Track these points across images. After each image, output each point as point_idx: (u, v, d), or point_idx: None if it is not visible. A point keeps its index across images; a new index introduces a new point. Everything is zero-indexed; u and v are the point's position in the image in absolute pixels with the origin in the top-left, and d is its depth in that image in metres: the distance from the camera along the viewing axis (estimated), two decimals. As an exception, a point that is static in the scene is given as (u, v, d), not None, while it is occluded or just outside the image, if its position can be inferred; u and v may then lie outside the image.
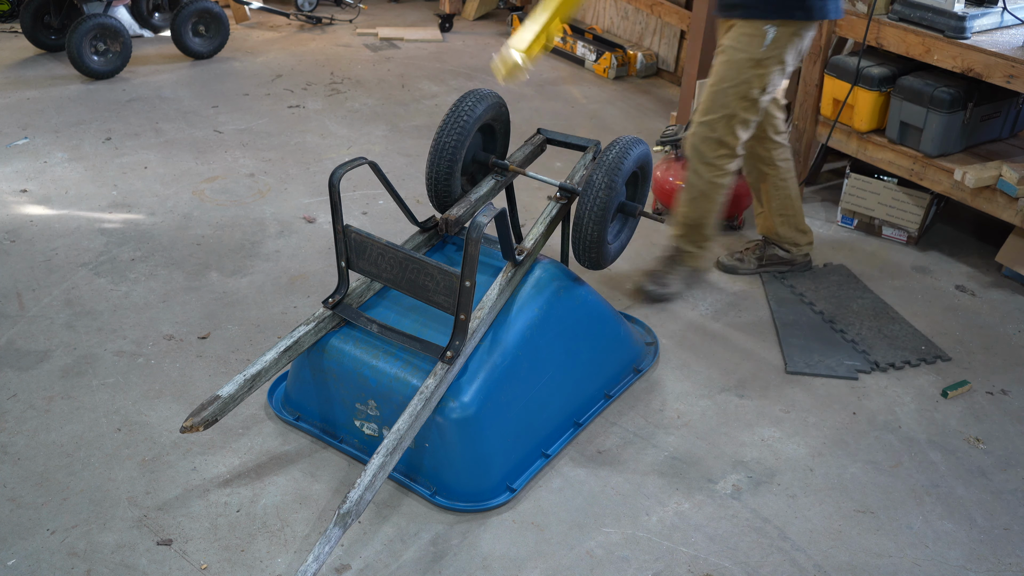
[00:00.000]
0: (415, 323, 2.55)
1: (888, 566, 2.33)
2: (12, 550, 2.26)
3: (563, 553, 2.32)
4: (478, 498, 2.43)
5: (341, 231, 2.53)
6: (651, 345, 3.11)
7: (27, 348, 2.98)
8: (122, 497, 2.43)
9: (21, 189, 3.97)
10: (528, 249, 2.63)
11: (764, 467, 2.63)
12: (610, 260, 2.73)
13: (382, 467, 2.19)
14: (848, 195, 3.91)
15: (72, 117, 4.69)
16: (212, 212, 3.87)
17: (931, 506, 2.53)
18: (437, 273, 2.39)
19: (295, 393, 2.70)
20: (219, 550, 2.29)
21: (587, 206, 2.55)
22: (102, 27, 5.01)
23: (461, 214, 2.63)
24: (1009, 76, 3.26)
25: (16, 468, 2.51)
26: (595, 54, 5.71)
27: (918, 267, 3.69)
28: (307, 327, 2.55)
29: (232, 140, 4.54)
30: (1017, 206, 3.35)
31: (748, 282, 3.53)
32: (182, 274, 3.42)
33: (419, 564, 2.27)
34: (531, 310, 2.56)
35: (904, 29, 3.55)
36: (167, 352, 2.99)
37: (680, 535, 2.39)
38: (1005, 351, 3.19)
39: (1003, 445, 2.76)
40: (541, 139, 2.98)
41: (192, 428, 2.33)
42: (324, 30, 6.31)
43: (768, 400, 2.91)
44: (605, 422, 2.77)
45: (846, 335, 3.20)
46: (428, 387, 2.31)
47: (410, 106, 5.09)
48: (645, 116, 5.10)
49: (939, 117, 3.52)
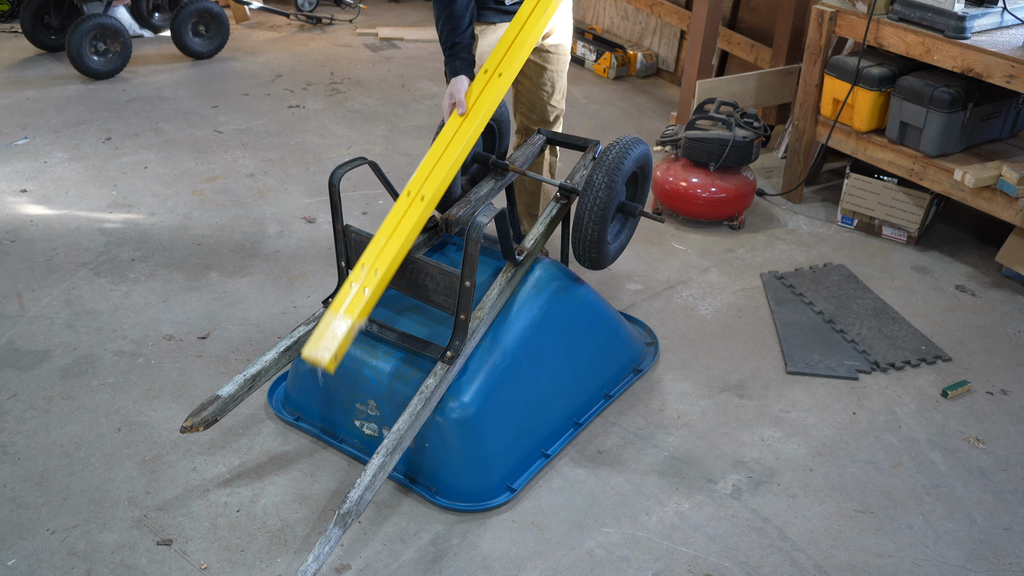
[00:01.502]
0: (415, 323, 2.55)
1: (888, 566, 2.33)
2: (12, 550, 2.26)
3: (563, 553, 2.32)
4: (478, 498, 2.43)
5: (341, 231, 2.54)
6: (651, 345, 3.10)
7: (27, 348, 2.98)
8: (122, 497, 2.43)
9: (21, 189, 3.97)
10: (528, 249, 2.63)
11: (764, 467, 2.63)
12: (610, 260, 2.73)
13: (382, 467, 2.19)
14: (848, 195, 3.91)
15: (72, 117, 4.68)
16: (212, 212, 3.87)
17: (931, 506, 2.53)
18: (437, 273, 2.39)
19: (295, 393, 2.70)
20: (219, 550, 2.28)
21: (587, 206, 2.55)
22: (102, 27, 5.01)
23: (461, 214, 2.63)
24: (1009, 76, 3.26)
25: (16, 468, 2.51)
26: (595, 54, 5.71)
27: (918, 267, 3.69)
28: (307, 327, 2.55)
29: (232, 140, 4.54)
30: (1017, 206, 3.35)
31: (748, 282, 3.53)
32: (182, 274, 3.42)
33: (419, 564, 2.27)
34: (531, 310, 2.56)
35: (904, 29, 3.55)
36: (167, 352, 2.99)
37: (680, 535, 2.39)
38: (1005, 351, 3.19)
39: (1003, 445, 2.76)
40: (541, 139, 2.98)
41: (192, 428, 2.33)
42: (324, 30, 6.31)
43: (768, 400, 2.91)
44: (605, 422, 2.77)
45: (846, 335, 3.20)
46: (428, 387, 2.31)
47: (410, 106, 5.09)
48: (645, 116, 5.10)
49: (939, 117, 3.52)
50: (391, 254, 2.32)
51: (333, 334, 2.18)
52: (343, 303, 2.25)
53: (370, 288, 2.24)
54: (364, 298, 2.23)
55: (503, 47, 2.69)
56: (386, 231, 2.38)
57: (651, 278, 3.53)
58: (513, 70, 2.65)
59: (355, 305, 2.23)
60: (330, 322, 2.21)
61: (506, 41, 2.69)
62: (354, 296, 2.24)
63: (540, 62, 3.12)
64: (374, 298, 2.27)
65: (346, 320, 2.19)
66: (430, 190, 2.44)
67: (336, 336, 2.17)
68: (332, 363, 2.17)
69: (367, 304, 2.23)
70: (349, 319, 2.20)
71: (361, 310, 2.22)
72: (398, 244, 2.33)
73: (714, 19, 4.49)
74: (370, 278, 2.25)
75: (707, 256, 3.71)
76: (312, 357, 2.18)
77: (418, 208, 2.40)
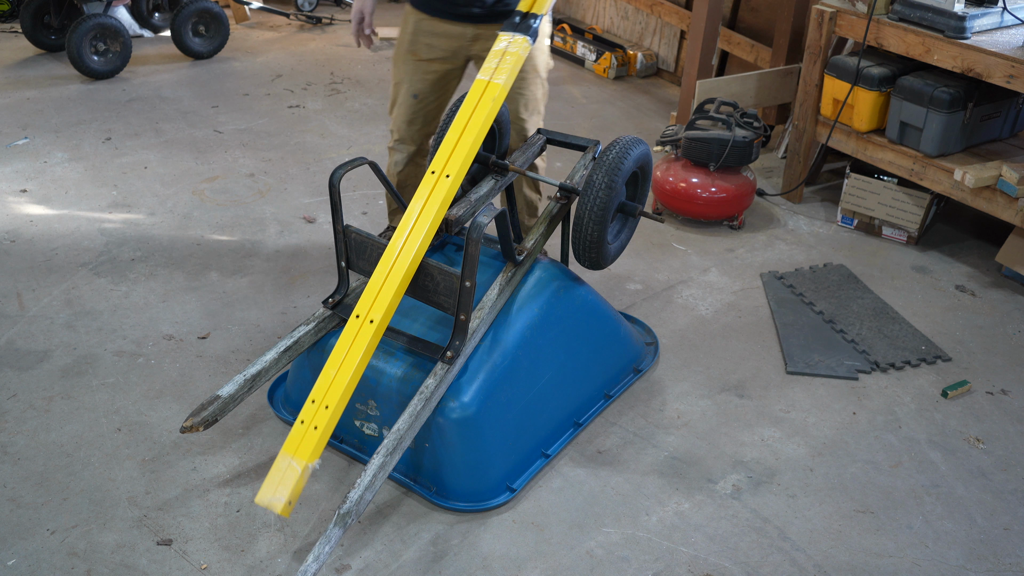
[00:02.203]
0: (415, 323, 2.55)
1: (888, 566, 2.33)
2: (12, 550, 2.26)
3: (563, 553, 2.32)
4: (478, 498, 2.43)
5: (341, 231, 2.54)
6: (651, 345, 3.10)
7: (27, 348, 2.98)
8: (122, 497, 2.43)
9: (21, 189, 3.97)
10: (528, 249, 2.63)
11: (764, 467, 2.63)
12: (610, 260, 2.73)
13: (382, 467, 2.19)
14: (848, 195, 3.91)
15: (72, 117, 4.69)
16: (212, 212, 3.87)
17: (931, 506, 2.53)
18: (437, 273, 2.39)
19: (295, 393, 2.70)
20: (219, 550, 2.28)
21: (587, 206, 2.55)
22: (102, 27, 5.01)
23: (461, 214, 2.63)
24: (1009, 76, 3.26)
25: (16, 468, 2.51)
26: (595, 54, 5.71)
27: (918, 267, 3.69)
28: (307, 327, 2.55)
29: (232, 140, 4.54)
30: (1017, 206, 3.35)
31: (748, 282, 3.53)
32: (182, 274, 3.42)
33: (419, 564, 2.27)
34: (531, 310, 2.56)
35: (904, 29, 3.55)
36: (167, 352, 2.99)
37: (680, 535, 2.39)
38: (1005, 351, 3.19)
39: (1003, 445, 2.76)
40: (541, 139, 2.98)
41: (192, 428, 2.33)
42: (324, 30, 6.31)
43: (768, 400, 2.91)
44: (605, 422, 2.77)
45: (846, 335, 3.20)
46: (428, 387, 2.31)
47: (410, 106, 5.09)
48: (645, 116, 5.10)
49: (939, 117, 3.52)
50: (341, 386, 2.25)
51: (286, 479, 2.18)
52: (295, 444, 2.21)
53: (320, 425, 2.20)
54: (316, 437, 2.19)
55: (448, 147, 2.44)
56: (336, 359, 2.28)
57: (651, 278, 3.53)
58: (460, 172, 2.43)
59: (306, 447, 2.20)
60: (282, 467, 2.20)
61: (451, 140, 2.46)
62: (305, 437, 2.21)
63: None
64: (326, 435, 2.22)
65: (298, 464, 2.19)
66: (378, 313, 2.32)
67: (288, 482, 2.17)
68: (287, 509, 2.16)
69: (319, 443, 2.20)
70: (302, 462, 2.19)
71: (312, 451, 2.19)
72: (348, 374, 2.25)
73: (714, 19, 4.49)
74: (321, 415, 2.22)
75: (707, 256, 3.71)
76: (266, 503, 2.18)
77: (368, 331, 2.29)
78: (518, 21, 2.63)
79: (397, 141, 3.14)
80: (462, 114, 2.50)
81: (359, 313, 2.31)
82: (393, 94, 3.11)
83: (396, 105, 3.10)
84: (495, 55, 2.58)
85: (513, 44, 2.57)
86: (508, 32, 2.61)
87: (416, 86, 3.02)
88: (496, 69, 2.54)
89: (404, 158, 3.16)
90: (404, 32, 3.03)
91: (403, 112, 3.08)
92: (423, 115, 3.08)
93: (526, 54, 2.59)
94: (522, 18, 2.64)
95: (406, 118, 3.08)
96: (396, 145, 3.15)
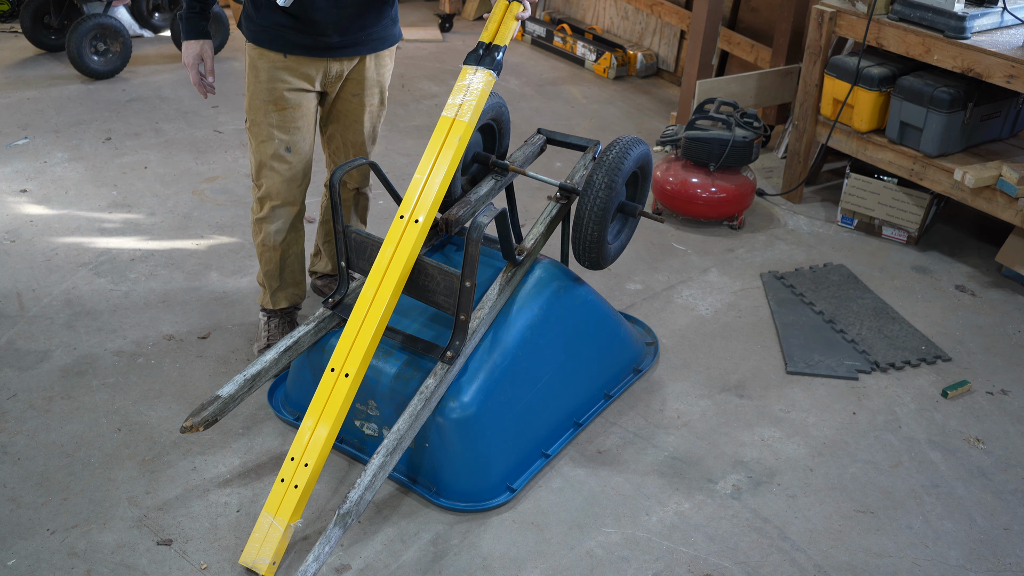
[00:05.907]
0: (415, 323, 2.56)
1: (888, 566, 2.33)
2: (12, 550, 2.26)
3: (563, 553, 2.32)
4: (478, 498, 2.43)
5: (341, 231, 2.54)
6: (651, 345, 3.11)
7: (27, 348, 2.98)
8: (122, 497, 2.43)
9: (21, 189, 3.97)
10: (528, 249, 2.63)
11: (764, 467, 2.63)
12: (610, 260, 2.73)
13: (382, 467, 2.19)
14: (848, 195, 3.91)
15: (72, 117, 4.69)
16: (212, 212, 3.87)
17: (931, 506, 2.53)
18: (437, 273, 2.39)
19: (295, 393, 2.70)
20: (219, 550, 2.28)
21: (587, 206, 2.55)
22: (102, 27, 5.01)
23: (461, 214, 2.63)
24: (1009, 76, 3.26)
25: (16, 468, 2.51)
26: (595, 54, 5.71)
27: (918, 267, 3.69)
28: (307, 327, 2.55)
29: (232, 140, 4.54)
30: (1017, 206, 3.35)
31: (748, 282, 3.53)
32: (182, 274, 3.42)
33: (419, 564, 2.27)
34: (531, 310, 2.56)
35: (904, 29, 3.55)
36: (167, 352, 2.99)
37: (680, 535, 2.39)
38: (1005, 351, 3.19)
39: (1003, 445, 2.76)
40: (541, 139, 2.98)
41: (192, 428, 2.33)
42: (324, 30, 6.30)
43: (768, 400, 2.91)
44: (605, 422, 2.77)
45: (846, 335, 3.20)
46: (428, 387, 2.31)
47: (410, 106, 5.09)
48: (645, 116, 5.10)
49: (939, 117, 3.52)
50: (319, 442, 2.24)
51: (269, 539, 2.19)
52: (276, 504, 2.22)
53: (301, 484, 2.21)
54: (296, 496, 2.20)
55: (415, 188, 2.39)
56: (315, 412, 2.28)
57: (651, 278, 3.53)
58: (430, 215, 2.38)
59: (288, 506, 2.21)
60: (265, 526, 2.22)
61: (418, 181, 2.40)
62: (286, 496, 2.22)
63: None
64: (306, 493, 2.23)
65: (280, 523, 2.20)
66: (352, 367, 2.30)
67: (272, 542, 2.19)
68: (271, 570, 2.18)
69: (299, 502, 2.21)
70: (284, 521, 2.20)
71: (294, 510, 2.20)
72: (327, 429, 2.24)
73: (714, 19, 4.49)
74: (300, 473, 2.22)
75: (707, 256, 3.71)
76: (250, 564, 2.20)
77: (344, 385, 2.28)
78: (481, 54, 2.54)
79: (274, 208, 2.81)
80: (428, 153, 2.43)
81: (334, 367, 2.29)
82: (256, 157, 2.77)
83: (265, 168, 2.76)
84: (459, 90, 2.49)
85: (477, 79, 2.50)
86: (471, 65, 2.52)
87: (287, 138, 2.73)
88: (461, 106, 2.46)
89: (285, 224, 2.86)
90: (257, 83, 2.69)
91: (278, 173, 2.76)
92: (302, 168, 2.80)
93: (490, 88, 2.52)
94: (485, 51, 2.54)
95: (284, 178, 2.77)
96: (272, 213, 2.82)
